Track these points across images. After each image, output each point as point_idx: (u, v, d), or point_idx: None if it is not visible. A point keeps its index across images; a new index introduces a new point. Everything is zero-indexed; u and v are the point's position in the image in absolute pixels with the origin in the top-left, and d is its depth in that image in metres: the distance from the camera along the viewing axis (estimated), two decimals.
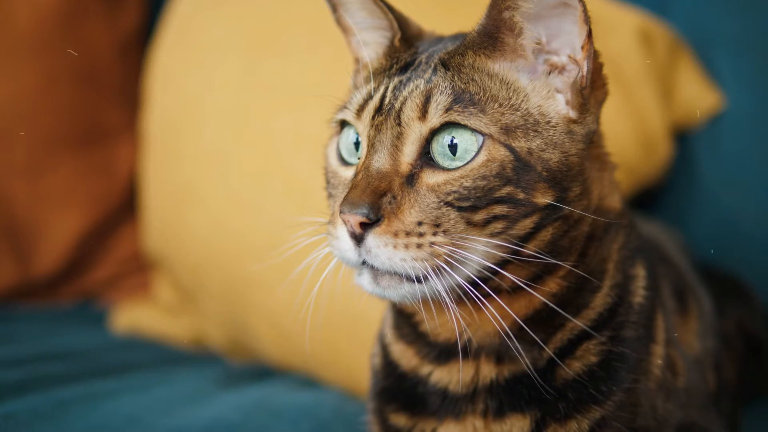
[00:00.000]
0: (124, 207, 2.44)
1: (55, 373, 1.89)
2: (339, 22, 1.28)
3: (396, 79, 1.15)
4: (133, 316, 2.29)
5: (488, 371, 1.19)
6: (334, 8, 1.26)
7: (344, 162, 1.21)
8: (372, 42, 1.26)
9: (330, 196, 1.22)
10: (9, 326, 2.27)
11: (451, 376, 1.21)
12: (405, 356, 1.26)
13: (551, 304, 1.14)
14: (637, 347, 1.18)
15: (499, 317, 1.13)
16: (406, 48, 1.22)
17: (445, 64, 1.14)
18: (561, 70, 1.14)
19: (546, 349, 1.15)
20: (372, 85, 1.17)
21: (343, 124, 1.21)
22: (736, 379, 1.60)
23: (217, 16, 2.13)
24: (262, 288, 1.87)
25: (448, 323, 1.17)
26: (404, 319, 1.26)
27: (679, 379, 1.25)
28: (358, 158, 1.17)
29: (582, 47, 1.12)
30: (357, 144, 1.18)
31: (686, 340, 1.36)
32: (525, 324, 1.13)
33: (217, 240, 1.97)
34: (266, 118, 1.95)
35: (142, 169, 2.27)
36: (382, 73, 1.19)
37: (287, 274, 1.28)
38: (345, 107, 1.19)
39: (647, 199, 2.09)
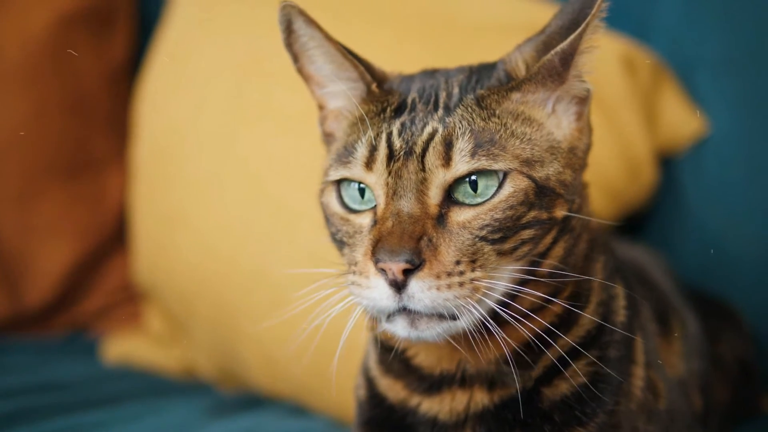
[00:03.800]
0: (115, 237, 2.44)
1: (45, 404, 1.89)
2: (301, 71, 1.25)
3: (397, 122, 1.14)
4: (124, 347, 2.29)
5: (480, 398, 1.19)
6: (296, 58, 1.24)
7: (350, 209, 1.18)
8: (342, 92, 1.23)
9: (344, 245, 1.18)
10: None
11: (442, 406, 1.21)
12: (393, 389, 1.25)
13: (562, 309, 1.17)
14: (619, 368, 1.19)
15: (509, 342, 1.14)
16: (386, 92, 1.21)
17: (480, 101, 1.14)
18: (581, 84, 1.18)
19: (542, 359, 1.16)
20: (371, 133, 1.15)
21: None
22: (730, 401, 1.60)
23: (206, 45, 2.15)
24: (250, 316, 1.87)
25: (449, 355, 1.18)
26: (394, 355, 1.24)
27: (661, 401, 1.25)
28: (371, 207, 1.15)
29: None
30: (361, 190, 1.16)
31: (670, 361, 1.37)
32: (524, 347, 1.15)
33: (205, 266, 1.98)
34: (254, 143, 1.97)
35: (131, 197, 2.28)
36: (374, 117, 1.17)
37: (275, 302, 1.29)
38: (347, 161, 1.15)
39: (632, 223, 2.10)
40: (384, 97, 1.20)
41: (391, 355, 1.25)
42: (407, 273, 1.06)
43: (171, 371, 2.20)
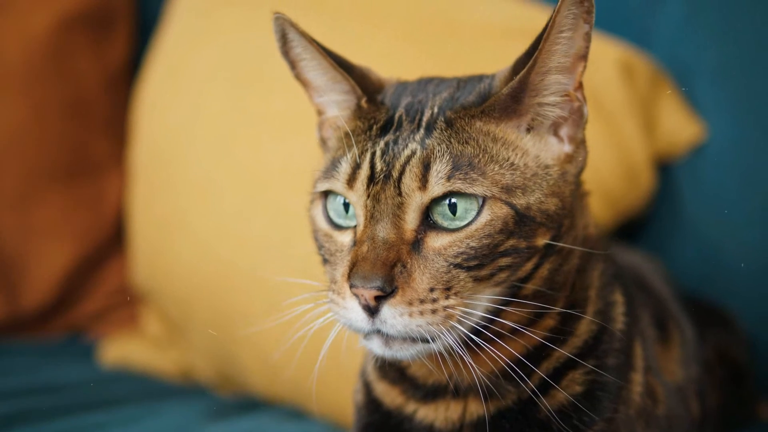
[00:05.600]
0: (113, 240, 2.44)
1: (42, 407, 1.88)
2: (298, 78, 1.25)
3: (381, 143, 1.13)
4: (122, 350, 2.29)
5: (475, 408, 1.19)
6: (293, 65, 1.24)
7: (334, 224, 1.18)
8: (337, 101, 1.24)
9: (326, 261, 1.19)
10: None
11: (438, 414, 1.21)
12: (389, 395, 1.26)
13: (547, 340, 1.16)
14: (618, 375, 1.19)
15: (497, 359, 1.13)
16: (375, 107, 1.20)
17: (450, 124, 1.12)
18: (556, 111, 1.15)
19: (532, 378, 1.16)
20: (355, 150, 1.14)
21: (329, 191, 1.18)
22: (719, 405, 1.60)
23: (204, 49, 2.16)
24: (248, 320, 1.87)
25: (441, 368, 1.17)
26: (390, 363, 1.25)
27: (660, 407, 1.26)
28: (354, 225, 1.15)
29: (580, 82, 1.14)
30: (345, 205, 1.16)
31: (669, 368, 1.37)
32: (517, 361, 1.14)
33: (203, 270, 1.98)
34: (252, 148, 1.97)
35: (130, 200, 2.28)
36: (360, 134, 1.17)
37: (273, 306, 1.29)
38: (331, 175, 1.16)
39: (630, 229, 2.10)
40: (372, 113, 1.19)
41: (386, 362, 1.24)
42: (380, 299, 1.06)
43: (168, 374, 2.19)
